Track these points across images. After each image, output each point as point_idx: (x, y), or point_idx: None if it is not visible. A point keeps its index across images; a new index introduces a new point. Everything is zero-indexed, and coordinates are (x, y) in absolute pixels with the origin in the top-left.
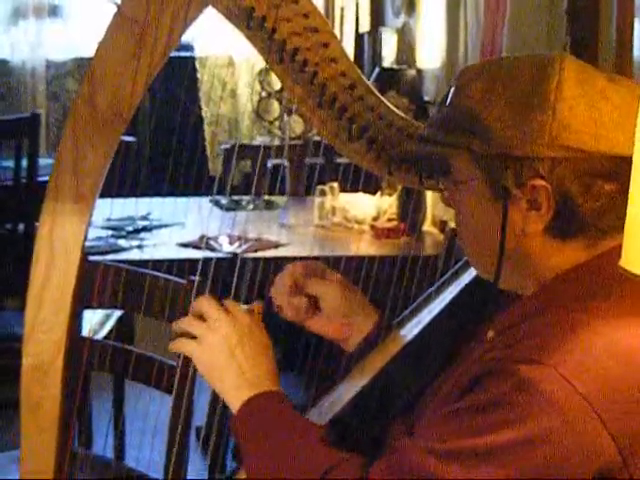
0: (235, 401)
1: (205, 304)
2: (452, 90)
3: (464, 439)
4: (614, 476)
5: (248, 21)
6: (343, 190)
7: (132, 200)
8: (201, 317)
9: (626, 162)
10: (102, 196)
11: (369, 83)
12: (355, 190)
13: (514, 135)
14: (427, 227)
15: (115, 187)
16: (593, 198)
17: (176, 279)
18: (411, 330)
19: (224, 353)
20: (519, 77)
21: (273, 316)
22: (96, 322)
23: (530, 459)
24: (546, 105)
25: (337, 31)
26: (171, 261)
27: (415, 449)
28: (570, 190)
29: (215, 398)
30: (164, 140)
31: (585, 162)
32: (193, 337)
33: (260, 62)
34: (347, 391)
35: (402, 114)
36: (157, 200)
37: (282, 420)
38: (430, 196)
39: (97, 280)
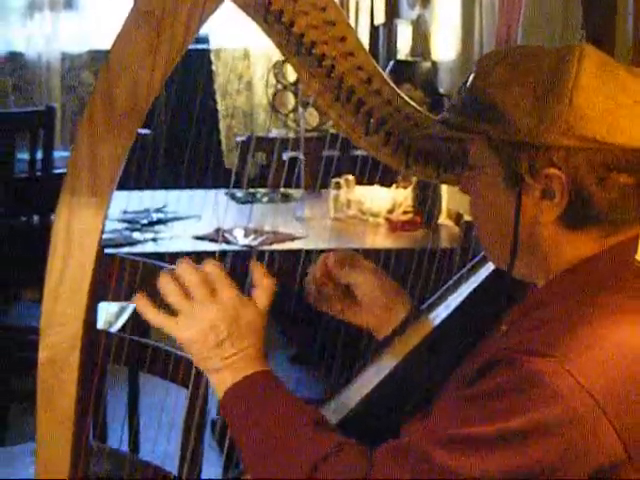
0: (219, 384)
1: (191, 279)
2: (472, 75)
3: (467, 427)
4: (618, 472)
5: (265, 14)
6: (359, 183)
7: (147, 193)
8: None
9: None
10: (117, 189)
11: (386, 76)
12: (371, 183)
13: (530, 122)
14: (442, 220)
15: (130, 180)
16: (607, 190)
17: None
18: (429, 325)
19: (210, 339)
20: (539, 65)
21: (283, 307)
22: (111, 315)
23: (532, 450)
24: (563, 94)
25: (352, 23)
26: (186, 254)
27: (419, 435)
28: (584, 181)
29: None
30: (180, 133)
31: (600, 153)
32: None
33: (276, 54)
34: (363, 386)
35: (418, 107)
36: (172, 193)
37: (270, 402)
38: (445, 189)
39: (113, 273)
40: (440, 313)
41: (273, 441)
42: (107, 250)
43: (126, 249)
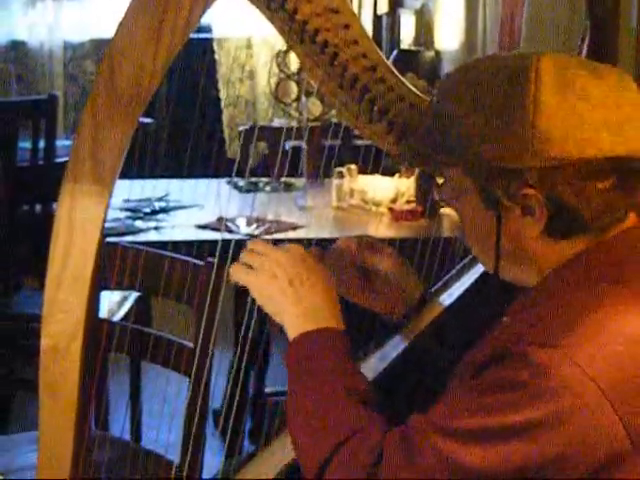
0: (293, 329)
1: (261, 243)
2: (434, 103)
3: (474, 418)
4: (624, 460)
5: (269, 2)
6: (361, 172)
7: (150, 182)
8: None
9: (616, 158)
10: (120, 178)
11: (390, 64)
12: (373, 172)
13: (497, 150)
14: (445, 209)
15: (133, 169)
16: (587, 200)
17: (194, 260)
18: (432, 313)
19: (282, 282)
20: (495, 88)
21: None
22: (114, 303)
23: (539, 441)
24: (525, 119)
25: (355, 12)
26: (189, 243)
27: (428, 427)
28: (562, 195)
29: (234, 381)
30: (182, 122)
31: (573, 167)
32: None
33: (278, 44)
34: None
35: (422, 95)
36: (175, 182)
37: (331, 366)
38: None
39: (115, 261)
40: (444, 300)
41: (319, 404)
42: (109, 239)
43: (128, 238)
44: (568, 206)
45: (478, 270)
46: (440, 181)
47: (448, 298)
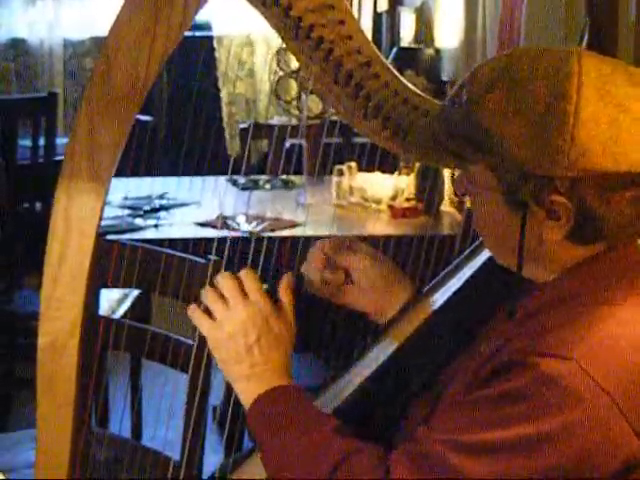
0: (244, 393)
1: (228, 285)
2: (465, 95)
3: (484, 432)
4: (634, 467)
5: None
6: (361, 170)
7: (149, 179)
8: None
9: None
10: (119, 175)
11: (385, 60)
12: (373, 170)
13: (532, 156)
14: (445, 207)
15: (132, 166)
16: (616, 211)
17: (193, 258)
18: (429, 309)
19: (239, 342)
20: (536, 92)
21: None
22: (114, 301)
23: (552, 454)
24: (565, 129)
25: (355, 10)
26: (188, 240)
27: (436, 441)
28: (592, 205)
29: None
30: (181, 120)
31: (605, 178)
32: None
33: (278, 41)
34: (363, 370)
35: (418, 91)
36: (174, 179)
37: (293, 414)
38: (448, 175)
39: (114, 259)
40: (440, 297)
41: (295, 449)
42: (109, 236)
43: (128, 235)
44: (594, 215)
45: (471, 268)
46: (456, 174)
47: (441, 297)
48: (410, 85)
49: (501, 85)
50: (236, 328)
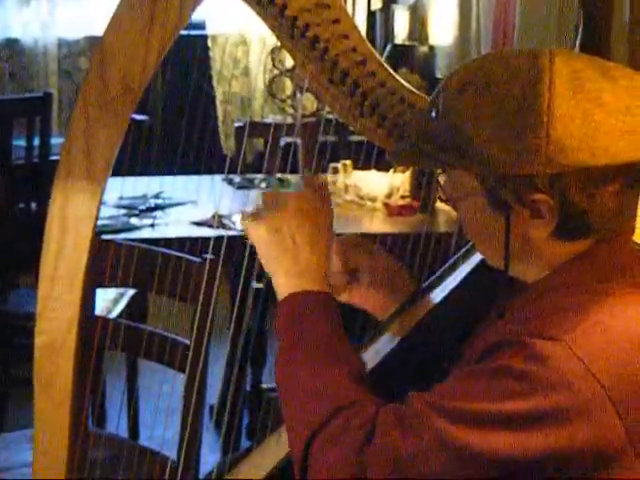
0: (284, 287)
1: (272, 195)
2: (440, 100)
3: (472, 401)
4: (620, 458)
5: None
6: (356, 168)
7: (144, 179)
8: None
9: (629, 163)
10: (114, 175)
11: (381, 59)
12: (368, 168)
13: (508, 157)
14: (440, 204)
15: (127, 166)
16: (600, 205)
17: (189, 257)
18: (426, 307)
19: (284, 237)
20: (508, 91)
21: None
22: (109, 301)
23: (535, 434)
24: (539, 127)
25: (349, 8)
26: (184, 239)
27: (423, 402)
28: (574, 200)
29: (228, 377)
30: (176, 119)
31: (585, 173)
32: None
33: (273, 40)
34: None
35: (414, 89)
36: (169, 179)
37: (326, 331)
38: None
39: (110, 258)
40: (438, 295)
41: (307, 373)
42: (105, 236)
43: (123, 235)
44: (578, 210)
45: (467, 266)
46: (441, 180)
47: (441, 292)
48: (406, 83)
49: (473, 88)
50: (280, 220)
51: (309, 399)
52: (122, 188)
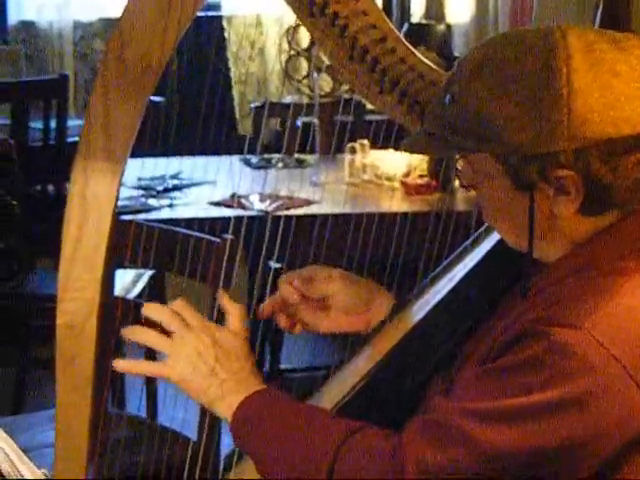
0: (225, 410)
1: (162, 314)
2: (455, 86)
3: (497, 400)
4: None
5: None
6: (373, 147)
7: (162, 160)
8: (156, 326)
9: None
10: (132, 156)
11: (400, 35)
12: (385, 147)
13: (531, 136)
14: (458, 183)
15: (145, 147)
16: (624, 176)
17: (209, 237)
18: (445, 285)
19: (201, 368)
20: (524, 70)
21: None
22: (128, 281)
23: (566, 422)
24: (560, 102)
25: None
26: (202, 220)
27: (449, 409)
28: (598, 173)
29: None
30: (192, 100)
31: (608, 145)
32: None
33: (288, 20)
34: (381, 347)
35: (434, 66)
36: (187, 159)
37: (280, 411)
38: None
39: (130, 239)
40: (458, 273)
41: (292, 444)
42: (123, 217)
43: (142, 216)
44: (604, 183)
45: (487, 244)
46: (460, 165)
47: (450, 281)
48: (426, 60)
49: (487, 70)
50: (193, 357)
51: (310, 455)
52: (139, 169)
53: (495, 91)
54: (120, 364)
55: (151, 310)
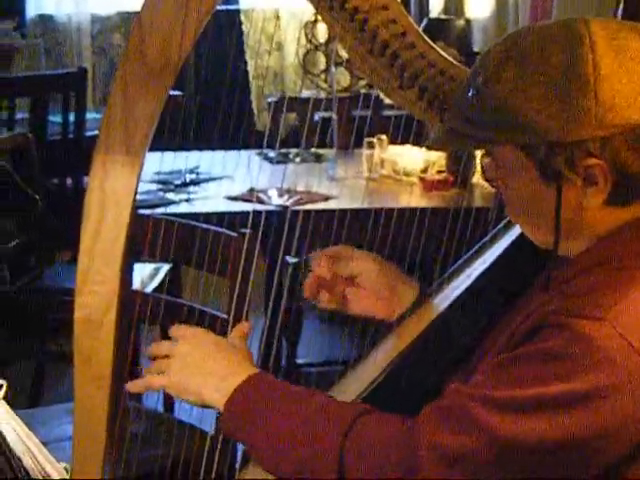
0: (219, 400)
1: (162, 345)
2: (479, 79)
3: (516, 389)
4: None
5: None
6: (391, 142)
7: (179, 154)
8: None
9: None
10: (149, 150)
11: (420, 30)
12: (403, 142)
13: (559, 124)
14: (476, 179)
15: (162, 141)
16: None
17: (227, 232)
18: (464, 280)
19: (189, 369)
20: (549, 59)
21: None
22: (145, 275)
23: (583, 415)
24: (587, 89)
25: None
26: (220, 214)
27: (466, 395)
28: (626, 161)
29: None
30: (209, 94)
31: (635, 133)
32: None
33: (306, 15)
34: (400, 341)
35: (454, 61)
36: (204, 154)
37: (278, 394)
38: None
39: (148, 233)
40: (477, 268)
41: (297, 428)
42: (141, 211)
43: (160, 210)
44: (631, 172)
45: (506, 240)
46: (483, 161)
47: (469, 276)
48: (447, 56)
49: (513, 61)
50: (178, 360)
51: (314, 436)
52: (157, 163)
53: (521, 81)
54: (131, 386)
55: (153, 348)
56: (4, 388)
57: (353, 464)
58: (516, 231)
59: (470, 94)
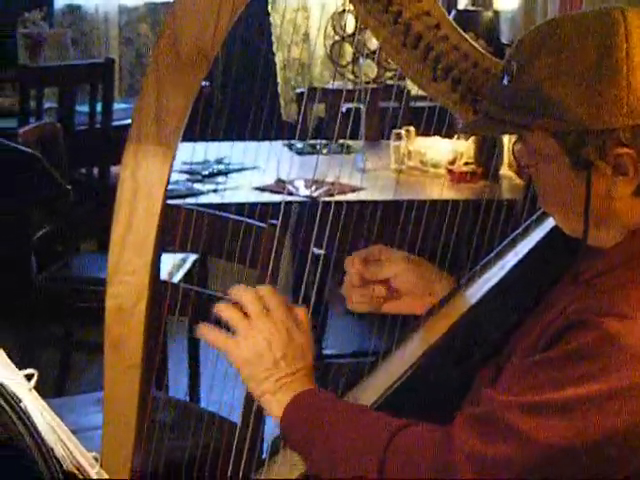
0: (272, 405)
1: (249, 299)
2: (514, 66)
3: (547, 392)
4: None
5: None
6: (418, 134)
7: (206, 144)
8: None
9: None
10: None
11: (453, 22)
12: (431, 134)
13: (590, 111)
14: (504, 171)
15: (189, 132)
16: None
17: (258, 223)
18: (497, 273)
19: (266, 358)
20: (584, 47)
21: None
22: (173, 265)
23: (613, 413)
24: (619, 77)
25: None
26: (248, 205)
27: (500, 402)
28: None
29: None
30: (237, 85)
31: None
32: (228, 328)
33: (332, 6)
34: (430, 335)
35: (487, 53)
36: (231, 144)
37: (330, 410)
38: (507, 139)
39: (177, 224)
40: (509, 261)
41: (341, 442)
42: (169, 201)
43: (188, 200)
44: None
45: (539, 233)
46: (515, 148)
47: (501, 269)
48: (480, 47)
49: (548, 49)
50: (262, 345)
51: (361, 450)
52: (184, 154)
53: (555, 68)
54: (200, 330)
55: (237, 291)
56: (35, 378)
57: (392, 477)
58: (549, 224)
59: (505, 80)
